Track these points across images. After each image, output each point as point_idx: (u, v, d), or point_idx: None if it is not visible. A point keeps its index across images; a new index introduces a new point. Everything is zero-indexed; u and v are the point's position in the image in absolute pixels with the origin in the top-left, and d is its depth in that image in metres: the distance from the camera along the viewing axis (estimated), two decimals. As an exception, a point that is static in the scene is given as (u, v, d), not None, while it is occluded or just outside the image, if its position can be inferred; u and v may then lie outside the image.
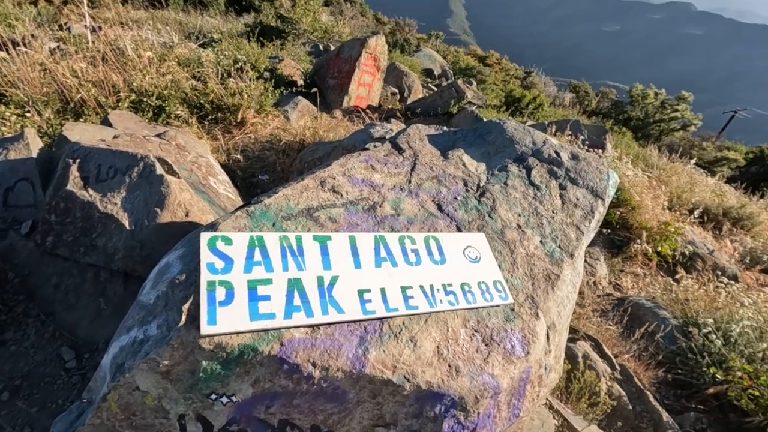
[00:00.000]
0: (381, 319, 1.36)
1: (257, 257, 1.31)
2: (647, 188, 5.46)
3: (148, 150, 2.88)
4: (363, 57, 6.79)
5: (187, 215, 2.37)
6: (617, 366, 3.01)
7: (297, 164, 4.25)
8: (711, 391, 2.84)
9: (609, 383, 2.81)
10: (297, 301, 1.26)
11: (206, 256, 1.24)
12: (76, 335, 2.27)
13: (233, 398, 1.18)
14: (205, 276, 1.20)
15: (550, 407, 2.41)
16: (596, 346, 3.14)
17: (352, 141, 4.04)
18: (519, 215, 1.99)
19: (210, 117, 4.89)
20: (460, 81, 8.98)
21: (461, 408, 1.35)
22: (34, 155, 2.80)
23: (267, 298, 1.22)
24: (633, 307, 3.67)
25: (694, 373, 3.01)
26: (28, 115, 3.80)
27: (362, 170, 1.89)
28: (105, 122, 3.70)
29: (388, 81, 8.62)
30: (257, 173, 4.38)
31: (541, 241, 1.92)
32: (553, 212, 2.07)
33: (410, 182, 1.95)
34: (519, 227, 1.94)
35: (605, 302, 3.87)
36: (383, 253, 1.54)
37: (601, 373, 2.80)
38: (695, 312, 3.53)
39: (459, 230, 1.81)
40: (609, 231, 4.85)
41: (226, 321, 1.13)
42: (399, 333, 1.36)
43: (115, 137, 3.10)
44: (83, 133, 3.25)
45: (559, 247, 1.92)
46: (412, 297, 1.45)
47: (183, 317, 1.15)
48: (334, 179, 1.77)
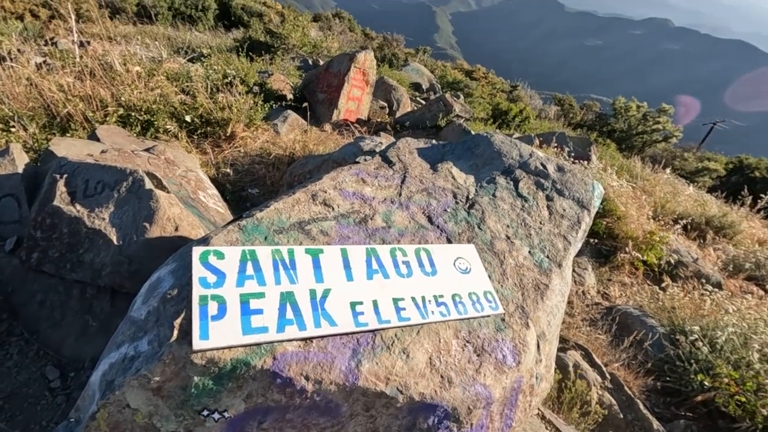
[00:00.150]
0: (373, 331, 1.37)
1: (249, 271, 1.31)
2: (632, 198, 5.58)
3: (137, 165, 2.87)
4: (352, 71, 6.88)
5: (177, 230, 2.36)
6: (607, 375, 3.04)
7: (287, 177, 4.26)
8: (699, 398, 2.88)
9: (600, 392, 2.83)
10: (289, 315, 1.26)
11: (198, 271, 1.24)
12: (61, 354, 2.22)
13: (225, 414, 1.17)
14: (197, 290, 1.20)
15: (543, 417, 2.41)
16: (586, 356, 3.16)
17: (342, 154, 4.07)
18: (508, 226, 2.03)
19: (199, 131, 4.88)
20: (448, 94, 9.13)
21: (454, 419, 1.35)
22: (20, 170, 2.76)
23: (259, 312, 1.22)
24: (621, 316, 3.71)
25: (683, 381, 3.04)
26: (14, 130, 3.76)
27: (353, 183, 1.91)
28: (92, 137, 3.68)
29: (377, 95, 8.73)
30: (247, 187, 4.37)
31: (530, 252, 1.95)
32: (541, 223, 2.11)
33: (401, 195, 1.97)
34: (508, 238, 1.97)
35: (594, 311, 3.91)
36: (375, 266, 1.55)
37: (592, 383, 2.82)
38: (682, 320, 3.59)
39: (449, 242, 1.84)
40: (596, 241, 4.93)
41: (219, 335, 1.13)
42: (391, 345, 1.36)
43: (103, 152, 3.08)
44: (70, 148, 3.23)
45: (548, 258, 1.95)
46: (404, 309, 1.46)
47: (175, 332, 1.14)
48: (326, 192, 1.78)
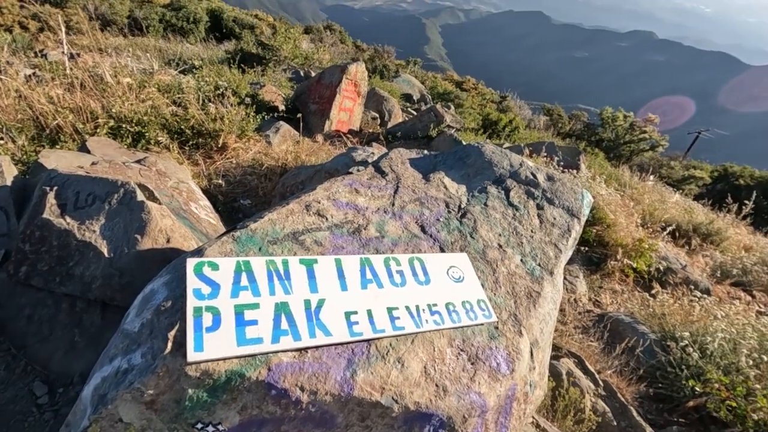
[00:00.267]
0: (368, 341, 1.37)
1: (244, 282, 1.31)
2: (621, 206, 5.67)
3: (128, 176, 2.86)
4: (344, 83, 6.94)
5: (169, 241, 2.35)
6: (600, 382, 3.05)
7: (279, 188, 4.26)
8: (691, 404, 2.90)
9: (593, 399, 2.84)
10: (284, 325, 1.26)
11: (192, 282, 1.24)
12: (50, 369, 2.18)
13: (219, 427, 1.16)
14: (192, 302, 1.19)
15: (537, 425, 2.41)
16: (579, 363, 3.18)
17: (334, 164, 4.09)
18: (499, 235, 2.05)
19: (191, 142, 4.87)
20: (439, 105, 9.24)
21: (449, 428, 1.35)
22: (8, 183, 2.73)
23: (254, 323, 1.22)
24: (613, 323, 3.75)
25: (674, 387, 3.07)
26: (2, 143, 3.72)
27: (346, 194, 1.92)
28: (83, 149, 3.65)
29: (369, 106, 8.80)
30: (239, 198, 4.36)
31: (522, 260, 1.97)
32: (532, 231, 2.14)
33: (394, 205, 1.99)
34: (500, 247, 1.99)
35: (586, 319, 3.94)
36: (369, 275, 1.56)
37: (585, 390, 2.84)
38: (672, 326, 3.63)
39: (442, 251, 1.85)
40: (587, 249, 4.98)
41: (213, 347, 1.13)
42: (386, 354, 1.37)
43: (94, 164, 3.06)
44: (60, 160, 3.20)
45: (539, 266, 1.98)
46: (399, 318, 1.47)
47: (169, 344, 1.14)
48: (319, 203, 1.79)
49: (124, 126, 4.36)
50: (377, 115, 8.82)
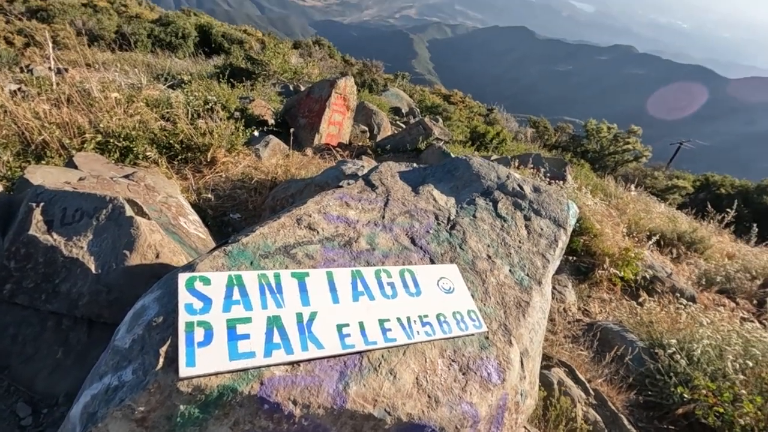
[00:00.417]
0: (360, 353, 1.38)
1: (236, 296, 1.31)
2: (607, 216, 5.77)
3: (116, 191, 2.84)
4: (333, 97, 7.01)
5: (158, 257, 2.33)
6: (591, 391, 3.07)
7: (269, 202, 4.26)
8: (680, 411, 2.94)
9: (584, 408, 2.86)
10: (276, 339, 1.26)
11: (184, 297, 1.24)
12: (34, 389, 2.13)
13: (211, 443, 1.15)
14: (183, 317, 1.19)
15: (530, 436, 2.42)
16: (570, 372, 3.20)
17: (324, 178, 4.11)
18: (488, 246, 2.08)
19: (180, 157, 4.86)
20: (427, 118, 9.37)
21: (442, 439, 1.35)
22: (-7, 200, 2.69)
23: (246, 337, 1.22)
24: (602, 332, 3.79)
25: (663, 394, 3.10)
26: (-14, 159, 3.68)
27: (337, 207, 1.94)
28: (70, 164, 3.63)
29: (358, 119, 8.88)
30: (228, 212, 4.35)
31: (511, 270, 2.00)
32: (520, 242, 2.17)
33: (384, 217, 2.01)
34: (489, 257, 2.02)
35: (576, 328, 3.98)
36: (360, 287, 1.57)
37: (577, 399, 2.85)
38: (659, 333, 3.68)
39: (432, 262, 1.87)
40: (575, 258, 5.05)
41: (206, 362, 1.12)
42: (378, 366, 1.37)
43: (81, 179, 3.04)
44: (47, 176, 3.17)
45: (528, 275, 2.01)
46: (390, 329, 1.48)
47: (160, 360, 1.13)
48: (310, 216, 1.81)
49: (112, 141, 4.34)
50: (366, 129, 8.90)
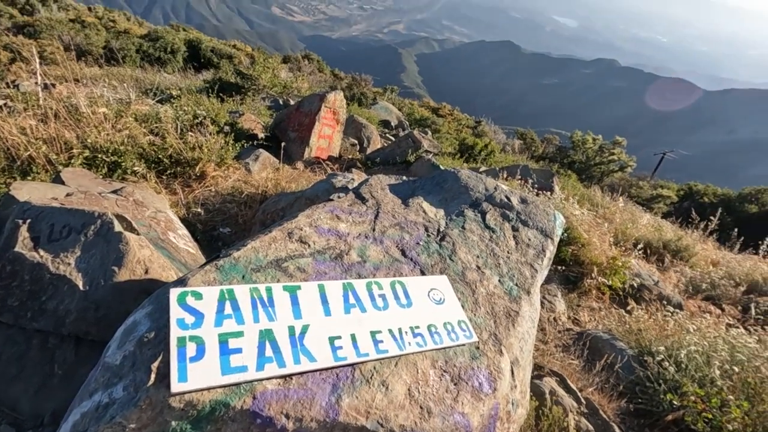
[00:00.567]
0: (352, 365, 1.38)
1: (228, 310, 1.32)
2: (594, 226, 5.86)
3: (105, 207, 2.83)
4: (323, 111, 7.07)
5: (147, 272, 2.32)
6: (583, 400, 3.09)
7: (259, 215, 4.25)
8: (670, 418, 2.96)
9: (576, 418, 2.87)
10: (269, 352, 1.27)
11: (176, 312, 1.24)
12: (18, 410, 2.08)
13: (203, 460, 1.14)
14: (175, 332, 1.19)
15: (523, 447, 2.42)
16: (561, 381, 3.22)
17: (315, 191, 4.13)
18: (477, 257, 2.11)
19: (169, 171, 4.84)
20: (416, 131, 9.48)
21: (435, 451, 1.36)
22: (-22, 217, 2.66)
23: (238, 351, 1.22)
24: (592, 341, 3.82)
25: (653, 401, 3.13)
26: (-30, 175, 3.63)
27: (328, 220, 1.96)
28: (57, 180, 3.59)
29: (348, 133, 8.95)
30: (218, 226, 4.33)
31: (500, 281, 2.03)
32: (509, 253, 2.21)
33: (374, 230, 2.03)
34: (478, 268, 2.05)
35: (566, 337, 4.01)
36: (352, 300, 1.58)
37: (568, 408, 2.87)
38: (648, 341, 3.73)
39: (423, 274, 1.90)
40: (564, 268, 5.11)
41: (198, 377, 1.12)
42: (371, 378, 1.38)
43: (69, 195, 3.02)
44: (33, 192, 3.14)
45: (517, 285, 2.04)
46: (382, 341, 1.49)
47: (152, 376, 1.12)
48: (301, 230, 1.82)
49: (100, 156, 4.31)
50: (356, 142, 8.97)
